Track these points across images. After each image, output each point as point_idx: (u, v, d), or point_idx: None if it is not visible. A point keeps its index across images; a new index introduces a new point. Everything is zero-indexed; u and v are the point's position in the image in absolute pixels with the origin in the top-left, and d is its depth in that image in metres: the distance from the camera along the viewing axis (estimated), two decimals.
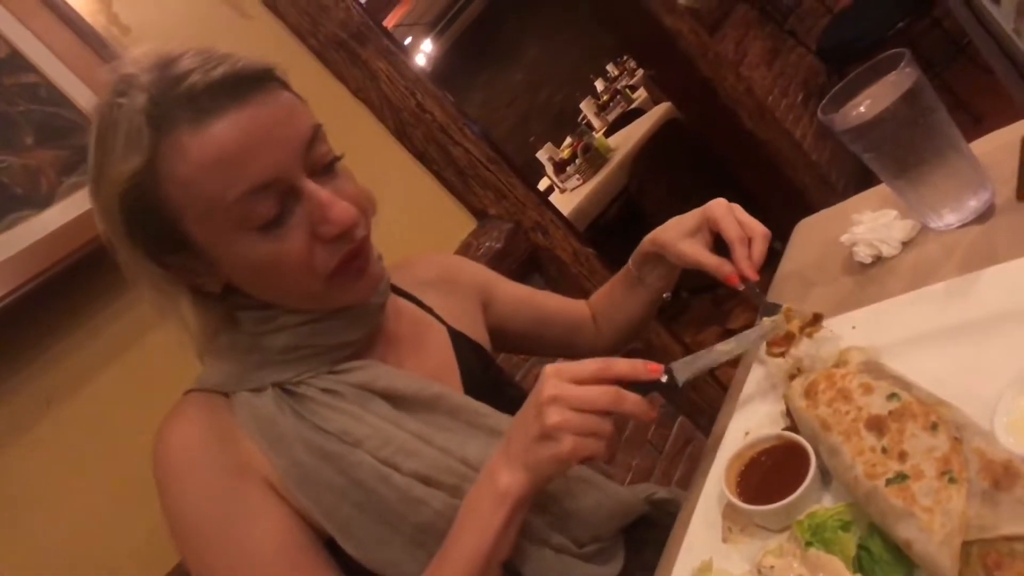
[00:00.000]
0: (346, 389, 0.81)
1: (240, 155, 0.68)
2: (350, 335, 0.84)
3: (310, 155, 0.73)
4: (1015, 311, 0.62)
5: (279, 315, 0.80)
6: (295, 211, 0.72)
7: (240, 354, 0.81)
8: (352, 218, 0.74)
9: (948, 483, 0.49)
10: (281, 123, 0.71)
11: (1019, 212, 0.79)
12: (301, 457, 0.77)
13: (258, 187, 0.69)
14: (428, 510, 0.77)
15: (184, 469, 0.76)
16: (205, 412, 0.79)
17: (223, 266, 0.75)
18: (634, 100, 5.08)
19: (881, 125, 0.81)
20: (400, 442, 0.79)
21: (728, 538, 0.66)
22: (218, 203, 0.69)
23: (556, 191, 4.22)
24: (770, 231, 0.89)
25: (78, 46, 1.22)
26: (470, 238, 1.73)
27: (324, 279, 0.75)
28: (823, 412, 0.64)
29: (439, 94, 1.76)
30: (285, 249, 0.72)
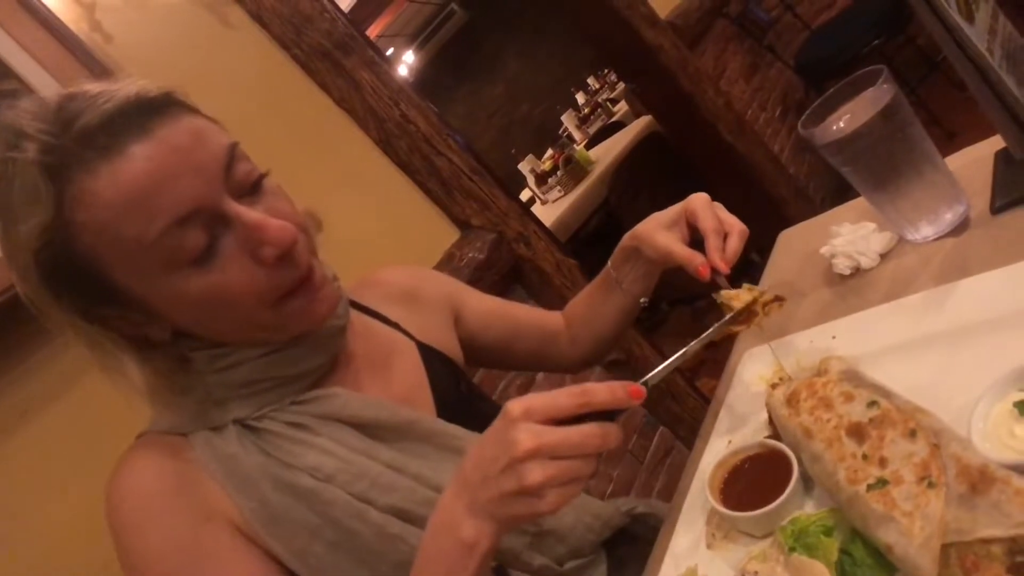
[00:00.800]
0: (312, 421, 0.77)
1: (152, 190, 0.63)
2: (311, 362, 0.80)
3: (231, 177, 0.69)
4: (989, 321, 0.64)
5: (233, 351, 0.75)
6: (227, 239, 0.68)
7: (197, 394, 0.76)
8: (291, 235, 0.69)
9: (927, 488, 0.50)
10: (191, 149, 0.66)
11: (993, 225, 0.81)
12: (269, 496, 0.72)
13: (179, 220, 0.64)
14: (406, 547, 0.74)
15: (143, 518, 0.70)
16: (161, 455, 0.74)
17: (163, 311, 0.70)
18: (615, 113, 5.13)
19: (859, 140, 0.83)
20: (374, 475, 0.76)
21: (712, 544, 0.67)
22: (140, 245, 0.64)
23: (538, 203, 4.24)
24: (748, 229, 0.88)
25: (60, 53, 1.21)
26: (453, 248, 1.73)
27: (272, 307, 0.71)
28: (805, 420, 0.65)
29: (423, 105, 1.77)
30: (224, 280, 0.67)
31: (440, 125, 1.77)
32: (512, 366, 1.22)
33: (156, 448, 0.75)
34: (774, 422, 0.71)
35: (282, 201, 0.74)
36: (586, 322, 1.12)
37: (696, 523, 0.71)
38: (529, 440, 0.55)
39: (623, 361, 1.93)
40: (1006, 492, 0.45)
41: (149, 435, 0.77)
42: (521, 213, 1.85)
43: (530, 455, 0.55)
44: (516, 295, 1.83)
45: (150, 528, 0.69)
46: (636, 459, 1.87)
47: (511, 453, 0.56)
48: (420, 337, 0.97)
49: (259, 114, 1.57)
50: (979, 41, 0.75)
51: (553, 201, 4.03)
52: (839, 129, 0.84)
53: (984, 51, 0.75)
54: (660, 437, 1.97)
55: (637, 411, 1.96)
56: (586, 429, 0.57)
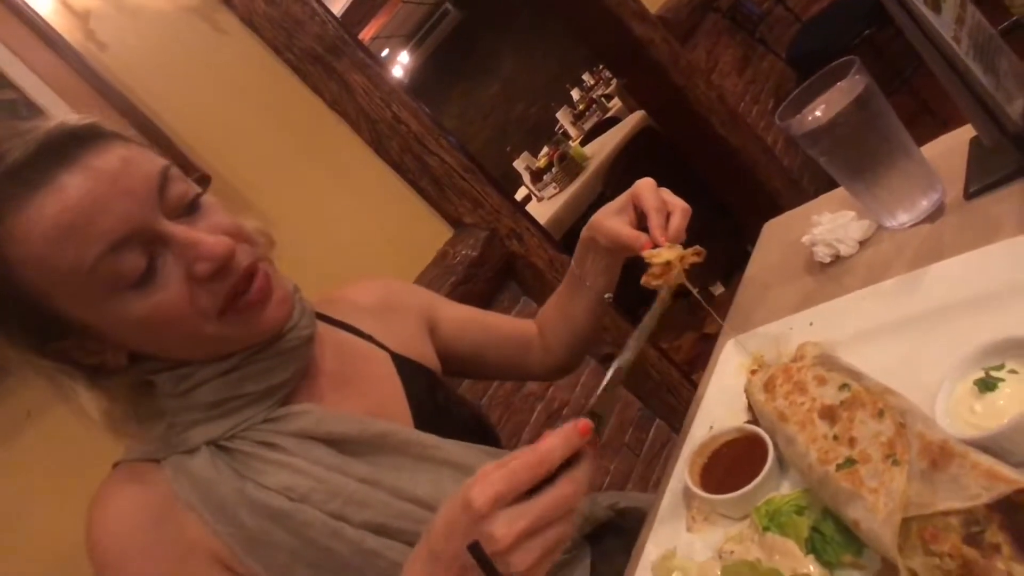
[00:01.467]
0: (284, 440, 0.77)
1: (83, 217, 0.64)
2: (278, 376, 0.79)
3: (165, 198, 0.70)
4: (957, 303, 0.66)
5: (195, 370, 0.75)
6: (166, 259, 0.69)
7: (167, 416, 0.76)
8: (224, 249, 0.70)
9: (892, 465, 0.52)
10: (120, 174, 0.67)
11: (966, 210, 0.83)
12: (246, 521, 0.73)
13: (114, 244, 0.65)
14: (384, 562, 0.74)
15: (122, 558, 0.71)
16: (137, 489, 0.74)
17: (114, 336, 0.71)
18: (610, 109, 5.14)
19: (834, 129, 0.85)
20: (348, 493, 0.76)
21: (692, 527, 0.68)
22: (78, 273, 0.65)
23: (534, 200, 4.26)
24: (690, 208, 0.89)
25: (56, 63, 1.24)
26: (446, 246, 1.75)
27: (215, 319, 0.71)
28: (780, 404, 0.67)
29: (414, 105, 1.78)
30: (164, 299, 0.68)
31: (432, 125, 1.79)
32: (488, 375, 1.22)
33: (132, 481, 0.75)
34: (752, 407, 0.73)
35: (220, 216, 0.75)
36: (557, 327, 1.12)
37: (678, 508, 0.73)
38: (508, 534, 0.52)
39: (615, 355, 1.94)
40: (964, 467, 0.47)
41: (123, 465, 0.78)
42: (513, 210, 1.87)
43: (512, 548, 0.53)
44: (510, 292, 1.85)
45: (129, 568, 0.70)
46: (632, 452, 1.89)
47: (493, 549, 0.53)
48: (394, 348, 0.97)
49: (253, 118, 1.59)
50: (945, 30, 0.76)
51: (549, 198, 4.04)
52: (814, 119, 0.86)
53: (951, 40, 0.77)
54: (656, 430, 1.99)
55: (633, 404, 1.97)
56: (557, 491, 0.54)
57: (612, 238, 0.91)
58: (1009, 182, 0.80)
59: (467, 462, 0.85)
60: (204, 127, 1.48)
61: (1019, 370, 0.52)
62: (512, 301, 1.85)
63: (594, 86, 6.01)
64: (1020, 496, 0.44)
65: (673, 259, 0.79)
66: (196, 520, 0.73)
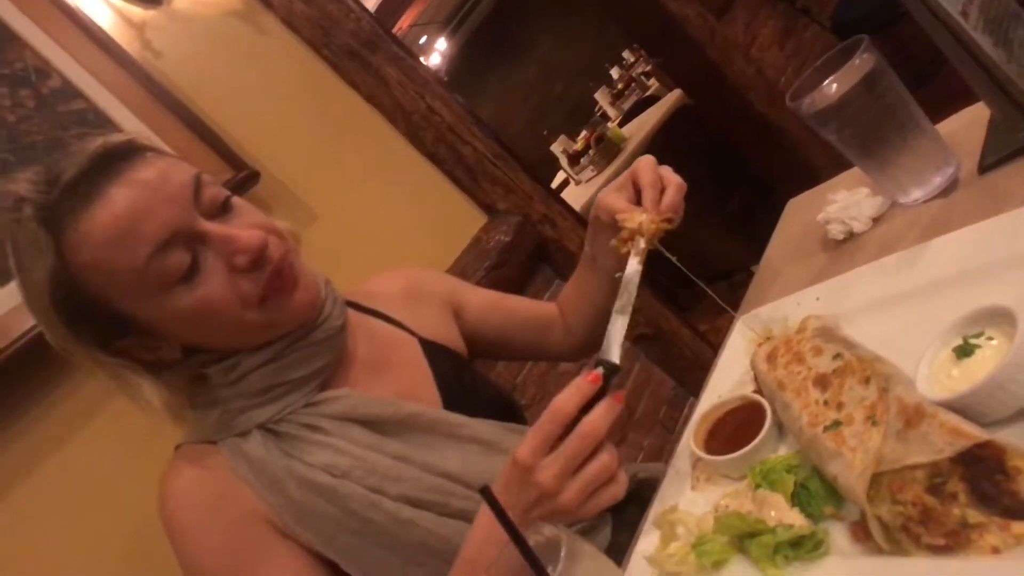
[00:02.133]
0: (326, 422, 0.85)
1: (132, 223, 0.73)
2: (316, 363, 0.88)
3: (200, 201, 0.79)
4: (955, 276, 0.69)
5: (241, 360, 0.84)
6: (207, 255, 0.78)
7: (221, 404, 0.85)
8: (259, 240, 0.78)
9: (871, 426, 0.56)
10: (159, 183, 0.76)
11: (978, 185, 0.84)
12: (294, 494, 0.81)
13: (160, 245, 0.74)
14: (419, 530, 0.82)
15: (193, 528, 0.81)
16: (200, 466, 0.84)
17: (168, 330, 0.80)
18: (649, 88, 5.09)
19: (844, 109, 0.87)
20: (384, 469, 0.84)
21: (696, 486, 0.74)
22: (133, 272, 0.74)
23: (572, 183, 4.27)
24: (685, 184, 0.92)
25: (118, 72, 1.34)
26: (480, 232, 1.81)
27: (256, 306, 0.80)
28: (780, 373, 0.71)
29: (447, 96, 1.84)
30: (209, 291, 0.77)
31: (464, 114, 1.85)
32: (514, 356, 1.29)
33: (194, 462, 0.85)
34: (756, 377, 0.77)
35: (251, 215, 0.84)
36: (576, 307, 1.16)
37: (685, 471, 0.78)
38: (549, 476, 0.64)
39: (651, 336, 1.98)
40: (933, 425, 0.51)
41: (185, 447, 0.87)
42: (545, 195, 1.92)
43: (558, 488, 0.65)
44: (543, 275, 1.90)
45: (200, 537, 0.80)
46: (666, 429, 1.93)
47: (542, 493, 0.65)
48: (422, 333, 1.03)
49: (294, 115, 1.68)
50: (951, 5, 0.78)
51: (586, 181, 4.05)
52: (823, 99, 0.88)
53: (957, 15, 0.78)
54: (690, 408, 2.01)
55: (666, 382, 2.01)
56: (579, 430, 0.65)
57: (609, 212, 0.94)
58: (1021, 155, 0.82)
59: (492, 438, 0.93)
60: (251, 126, 1.57)
61: (996, 337, 0.55)
62: (545, 284, 1.91)
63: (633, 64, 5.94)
64: (980, 450, 0.48)
65: (644, 221, 0.83)
66: (252, 493, 0.82)
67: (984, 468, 0.48)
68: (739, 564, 0.61)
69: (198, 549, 0.81)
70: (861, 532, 0.54)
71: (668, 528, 0.65)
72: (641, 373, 1.98)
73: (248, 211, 0.84)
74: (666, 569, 0.63)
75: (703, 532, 0.63)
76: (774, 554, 0.56)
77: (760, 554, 0.57)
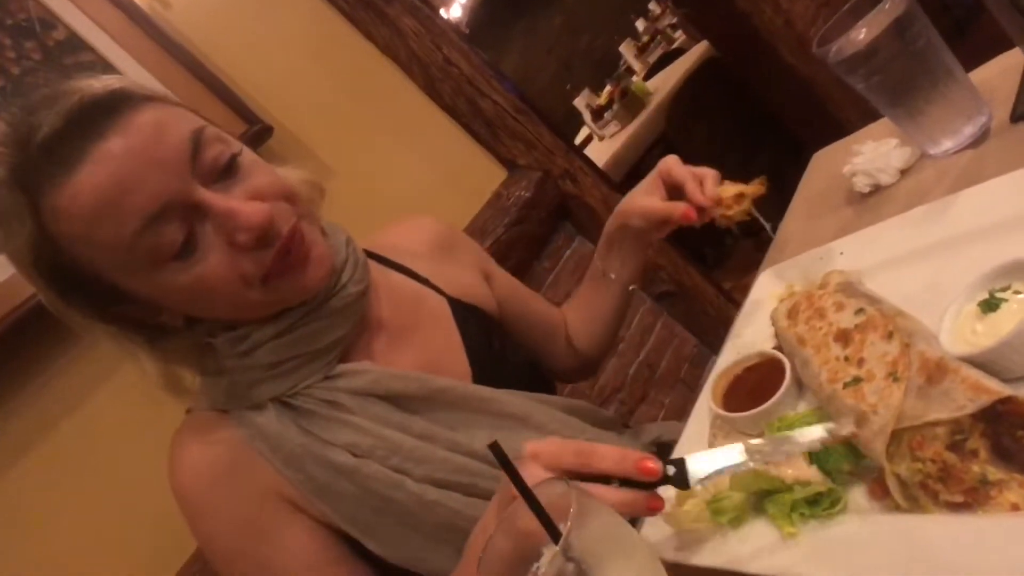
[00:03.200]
0: (346, 398, 0.79)
1: (117, 194, 0.64)
2: (334, 333, 0.81)
3: (199, 164, 0.69)
4: (980, 229, 0.66)
5: (251, 332, 0.77)
6: (205, 229, 0.69)
7: (230, 375, 0.78)
8: (261, 218, 0.69)
9: (892, 382, 0.55)
10: (149, 145, 0.66)
11: (1011, 135, 0.81)
12: (313, 472, 0.77)
13: (150, 219, 0.65)
14: (444, 510, 0.78)
15: (207, 505, 0.77)
16: (212, 439, 0.78)
17: (163, 303, 0.73)
18: (675, 40, 4.96)
19: (874, 55, 0.83)
20: (408, 449, 0.78)
21: (713, 443, 0.73)
22: (120, 247, 0.65)
23: (595, 139, 4.20)
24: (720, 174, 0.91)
25: (126, 23, 1.32)
26: (500, 188, 1.79)
27: (260, 286, 0.72)
28: (800, 329, 0.70)
29: (465, 47, 1.80)
30: (207, 271, 0.69)
31: (483, 66, 1.81)
32: None
33: (205, 430, 0.79)
34: (777, 333, 0.76)
35: (259, 176, 0.73)
36: (581, 325, 1.12)
37: (703, 428, 0.77)
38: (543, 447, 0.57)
39: (673, 292, 1.96)
40: (955, 381, 0.49)
41: (196, 414, 0.82)
42: (567, 150, 1.88)
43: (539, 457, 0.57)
44: (565, 232, 1.89)
45: (215, 514, 0.77)
46: (687, 387, 1.93)
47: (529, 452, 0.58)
48: (451, 292, 0.97)
49: (309, 68, 1.65)
50: None
51: (610, 136, 3.98)
52: (852, 45, 0.84)
53: None
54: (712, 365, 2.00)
55: (688, 340, 2.00)
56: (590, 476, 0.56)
57: (647, 215, 0.93)
58: None
59: (523, 412, 0.87)
60: (264, 79, 1.55)
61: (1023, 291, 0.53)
62: (567, 241, 1.89)
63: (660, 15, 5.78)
64: (1002, 406, 0.46)
65: (746, 190, 0.83)
66: (267, 467, 0.77)
67: (1006, 424, 0.47)
68: (755, 521, 0.60)
69: (213, 526, 0.78)
70: (879, 489, 0.53)
71: None
72: (663, 331, 1.97)
73: (257, 171, 0.74)
74: (682, 526, 0.63)
75: (719, 489, 0.62)
76: (791, 512, 0.56)
77: (777, 512, 0.57)
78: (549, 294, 1.79)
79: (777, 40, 2.99)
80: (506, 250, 1.66)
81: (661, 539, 0.67)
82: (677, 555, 0.64)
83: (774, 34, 2.98)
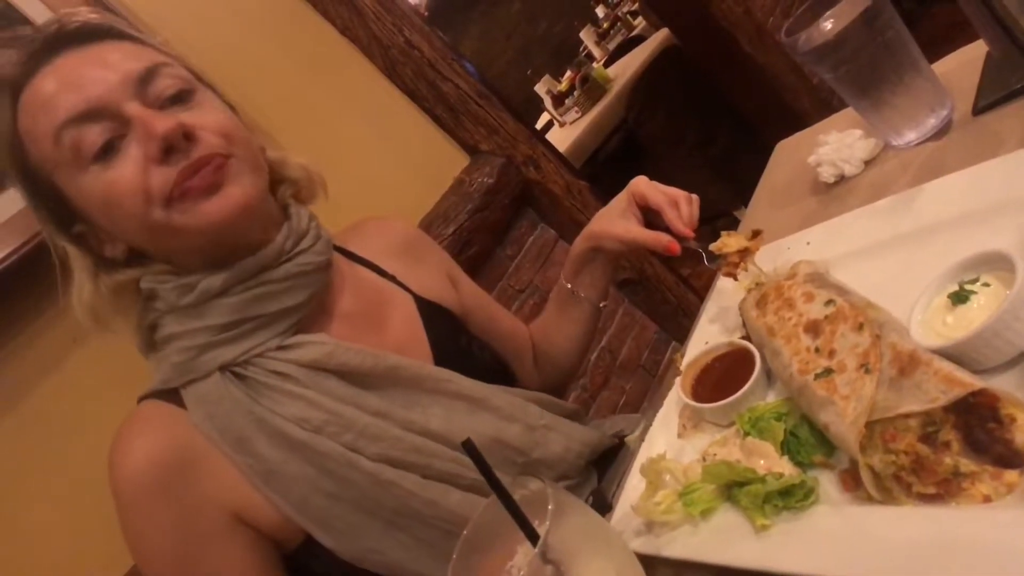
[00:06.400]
0: (297, 371, 0.78)
1: (56, 92, 0.72)
2: (291, 299, 0.80)
3: (145, 90, 0.75)
4: (948, 220, 0.67)
5: (198, 280, 0.76)
6: (129, 141, 0.73)
7: (179, 340, 0.78)
8: (165, 128, 0.71)
9: (864, 374, 0.55)
10: (106, 64, 0.74)
11: (972, 127, 0.82)
12: (264, 451, 0.75)
13: (77, 116, 0.71)
14: (400, 491, 0.76)
15: (140, 500, 0.73)
16: (158, 434, 0.76)
17: (91, 215, 0.76)
18: (635, 27, 4.97)
19: (841, 46, 0.84)
20: (362, 426, 0.77)
21: (683, 434, 0.73)
22: (49, 141, 0.72)
23: (556, 125, 4.19)
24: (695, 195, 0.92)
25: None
26: (463, 174, 1.76)
27: (161, 205, 0.73)
28: (770, 320, 0.70)
29: (427, 30, 1.76)
30: (117, 176, 0.72)
31: (445, 49, 1.77)
32: None
33: (153, 424, 0.77)
34: (745, 324, 0.76)
35: (207, 113, 0.78)
36: (549, 345, 1.12)
37: (672, 419, 0.77)
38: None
39: (635, 280, 1.97)
40: (927, 373, 0.50)
41: (146, 404, 0.79)
42: (530, 136, 1.87)
43: None
44: (528, 218, 1.87)
45: (145, 512, 0.73)
46: (648, 373, 1.94)
47: None
48: (418, 291, 0.96)
49: (265, 49, 1.59)
50: None
51: (571, 123, 3.98)
52: (820, 35, 0.85)
53: None
54: (672, 352, 2.03)
55: (649, 327, 2.01)
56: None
57: (627, 241, 0.93)
58: (1017, 97, 0.79)
59: (480, 395, 0.86)
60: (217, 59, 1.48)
61: (992, 283, 0.54)
62: (530, 227, 1.87)
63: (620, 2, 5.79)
64: (974, 398, 0.47)
65: (750, 245, 0.82)
66: (215, 457, 0.75)
67: (978, 416, 0.47)
68: (727, 513, 0.60)
69: (144, 531, 0.74)
70: (851, 481, 0.53)
71: (655, 476, 0.64)
72: (624, 317, 1.98)
73: (208, 109, 0.79)
74: (652, 518, 0.63)
75: (690, 480, 0.62)
76: (763, 503, 0.56)
77: (749, 503, 0.57)
78: (512, 281, 1.78)
79: (736, 29, 3.02)
80: (469, 236, 1.64)
81: (632, 531, 0.67)
82: (648, 547, 0.64)
83: (733, 23, 3.00)
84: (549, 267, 1.85)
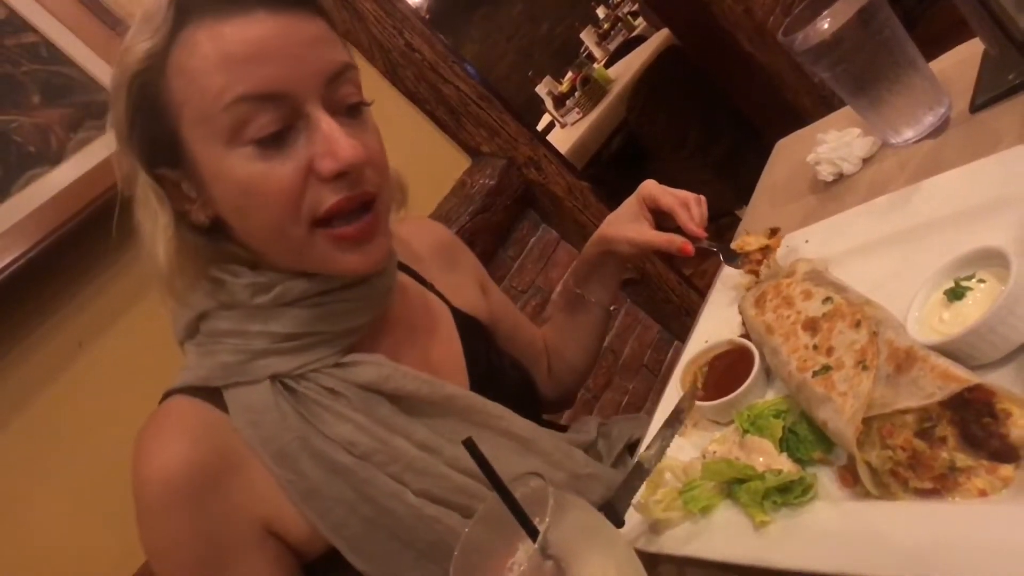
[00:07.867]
0: (350, 391, 0.74)
1: (249, 58, 0.64)
2: (357, 319, 0.77)
3: (331, 90, 0.68)
4: (945, 217, 0.67)
5: (279, 281, 0.72)
6: (298, 137, 0.67)
7: (234, 339, 0.73)
8: (354, 154, 0.66)
9: (861, 370, 0.56)
10: (304, 44, 0.66)
11: (970, 124, 0.82)
12: (308, 471, 0.71)
13: (259, 95, 0.64)
14: (442, 528, 0.73)
15: (169, 505, 0.68)
16: (199, 432, 0.71)
17: (211, 187, 0.69)
18: (636, 27, 4.97)
19: (838, 45, 0.84)
20: (409, 459, 0.74)
21: (682, 432, 0.73)
22: (216, 103, 0.64)
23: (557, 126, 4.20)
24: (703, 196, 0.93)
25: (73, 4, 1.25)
26: (464, 176, 1.77)
27: (308, 221, 0.68)
28: (768, 318, 0.70)
29: (428, 32, 1.77)
30: (275, 172, 0.66)
31: (446, 52, 1.78)
32: None
33: (191, 422, 0.72)
34: (744, 322, 0.76)
35: (372, 136, 0.73)
36: (560, 351, 1.11)
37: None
38: None
39: (636, 279, 1.97)
40: (924, 369, 0.50)
41: (181, 400, 0.73)
42: (531, 138, 1.87)
43: None
44: (529, 220, 1.87)
45: (168, 518, 0.68)
46: (651, 372, 1.94)
47: None
48: (455, 302, 0.95)
49: None
50: None
51: (572, 124, 3.98)
52: (817, 34, 0.85)
53: None
54: (675, 352, 2.03)
55: (652, 327, 2.02)
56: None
57: (641, 244, 0.93)
58: (1014, 94, 0.80)
59: (528, 435, 0.84)
60: None
61: (987, 279, 0.54)
62: (532, 228, 1.88)
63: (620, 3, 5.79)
64: (970, 394, 0.47)
65: (771, 243, 0.83)
66: (253, 464, 0.71)
67: (974, 411, 0.48)
68: (727, 510, 0.61)
69: (168, 536, 0.69)
70: (849, 477, 0.54)
71: (655, 474, 0.65)
72: (627, 317, 1.98)
73: (373, 132, 0.73)
74: (653, 515, 0.63)
75: (690, 478, 0.63)
76: (762, 500, 0.56)
77: (748, 500, 0.57)
78: (514, 282, 1.78)
79: (736, 28, 3.02)
80: (471, 238, 1.64)
81: (633, 529, 0.67)
82: (649, 544, 0.65)
83: (733, 22, 3.00)
84: (551, 268, 1.86)
